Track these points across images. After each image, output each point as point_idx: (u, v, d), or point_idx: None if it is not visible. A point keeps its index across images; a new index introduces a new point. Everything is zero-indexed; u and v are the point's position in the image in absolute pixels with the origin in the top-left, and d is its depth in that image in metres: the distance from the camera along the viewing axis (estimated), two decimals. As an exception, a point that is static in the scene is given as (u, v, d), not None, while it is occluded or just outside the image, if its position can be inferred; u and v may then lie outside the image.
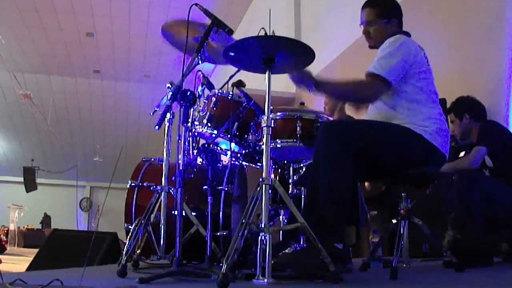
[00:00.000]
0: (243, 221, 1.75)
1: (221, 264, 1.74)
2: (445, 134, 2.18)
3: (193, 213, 2.44)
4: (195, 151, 2.75)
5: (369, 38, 2.35)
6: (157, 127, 2.11)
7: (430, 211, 2.92)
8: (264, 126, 1.87)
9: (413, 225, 2.28)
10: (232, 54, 1.99)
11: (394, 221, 2.34)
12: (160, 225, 2.33)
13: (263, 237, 1.72)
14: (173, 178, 2.03)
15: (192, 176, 2.69)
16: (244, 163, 2.83)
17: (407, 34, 2.30)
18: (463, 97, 2.95)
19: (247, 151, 2.52)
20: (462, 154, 2.99)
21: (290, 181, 2.52)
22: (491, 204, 2.45)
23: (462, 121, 2.87)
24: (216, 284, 1.56)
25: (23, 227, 13.60)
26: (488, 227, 2.45)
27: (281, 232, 2.33)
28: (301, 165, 2.58)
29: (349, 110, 3.17)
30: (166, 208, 2.33)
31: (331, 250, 1.80)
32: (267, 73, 1.90)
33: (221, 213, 2.65)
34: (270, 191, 1.82)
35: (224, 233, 2.62)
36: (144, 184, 2.84)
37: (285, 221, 2.42)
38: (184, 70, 2.08)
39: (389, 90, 2.13)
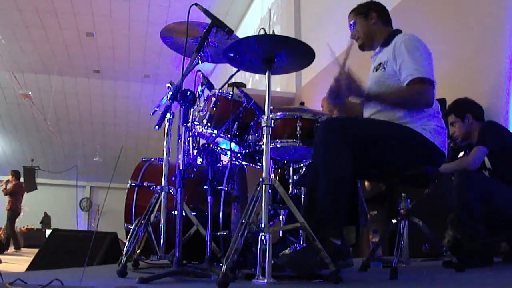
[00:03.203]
0: (243, 221, 1.75)
1: (221, 264, 1.74)
2: (444, 132, 2.18)
3: (193, 213, 2.44)
4: (195, 151, 2.76)
5: (357, 39, 2.42)
6: (157, 127, 2.11)
7: (430, 211, 2.92)
8: (264, 126, 1.87)
9: (413, 225, 2.28)
10: (232, 54, 1.99)
11: (394, 221, 2.33)
12: (160, 225, 2.33)
13: (263, 237, 1.72)
14: (173, 178, 2.03)
15: (192, 176, 2.69)
16: (244, 163, 2.83)
17: (399, 31, 2.32)
18: (462, 98, 2.94)
19: (247, 151, 2.52)
20: (461, 154, 2.99)
21: (290, 181, 2.53)
22: (491, 204, 2.45)
23: (464, 122, 2.86)
24: (216, 284, 1.55)
25: (23, 227, 13.58)
26: (488, 227, 2.45)
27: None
28: (301, 165, 2.58)
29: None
30: (166, 208, 2.33)
31: (330, 247, 1.80)
32: (267, 73, 1.90)
33: (221, 213, 2.65)
34: (270, 191, 1.82)
35: (224, 233, 2.62)
36: (144, 184, 2.84)
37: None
38: (184, 70, 2.07)
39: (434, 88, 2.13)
